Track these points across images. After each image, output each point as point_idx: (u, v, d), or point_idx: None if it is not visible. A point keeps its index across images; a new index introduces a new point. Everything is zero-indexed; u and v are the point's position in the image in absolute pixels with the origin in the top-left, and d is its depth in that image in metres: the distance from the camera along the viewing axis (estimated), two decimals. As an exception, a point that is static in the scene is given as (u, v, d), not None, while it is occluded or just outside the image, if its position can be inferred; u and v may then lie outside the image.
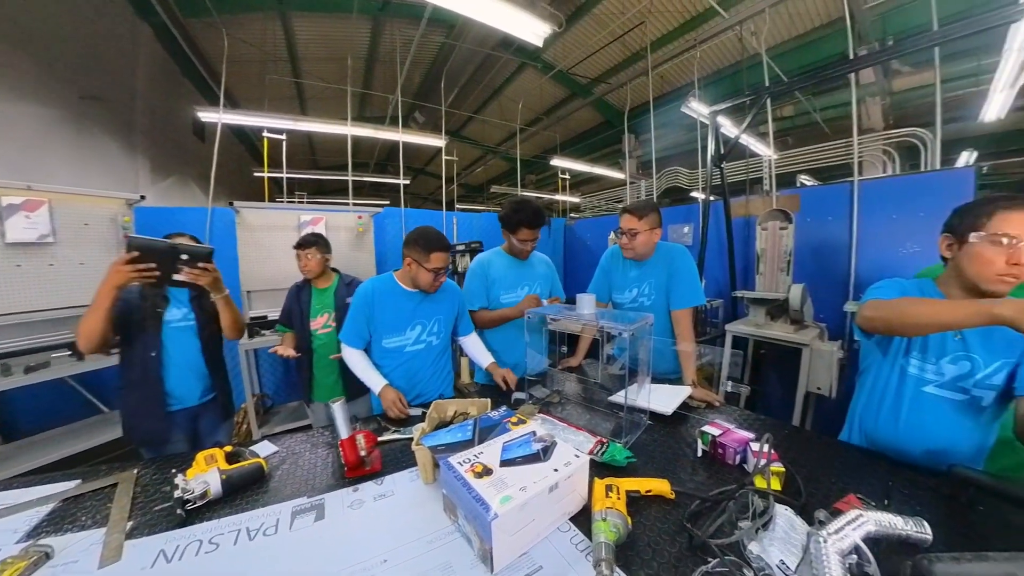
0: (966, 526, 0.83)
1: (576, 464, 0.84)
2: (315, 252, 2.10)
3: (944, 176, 2.51)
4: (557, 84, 7.29)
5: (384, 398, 1.44)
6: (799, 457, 1.07)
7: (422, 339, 1.61)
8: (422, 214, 4.41)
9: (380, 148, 9.11)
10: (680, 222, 3.85)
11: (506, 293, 1.91)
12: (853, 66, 3.11)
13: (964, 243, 0.98)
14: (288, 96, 7.04)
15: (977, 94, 4.14)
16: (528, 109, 7.55)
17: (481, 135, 9.14)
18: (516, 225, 1.78)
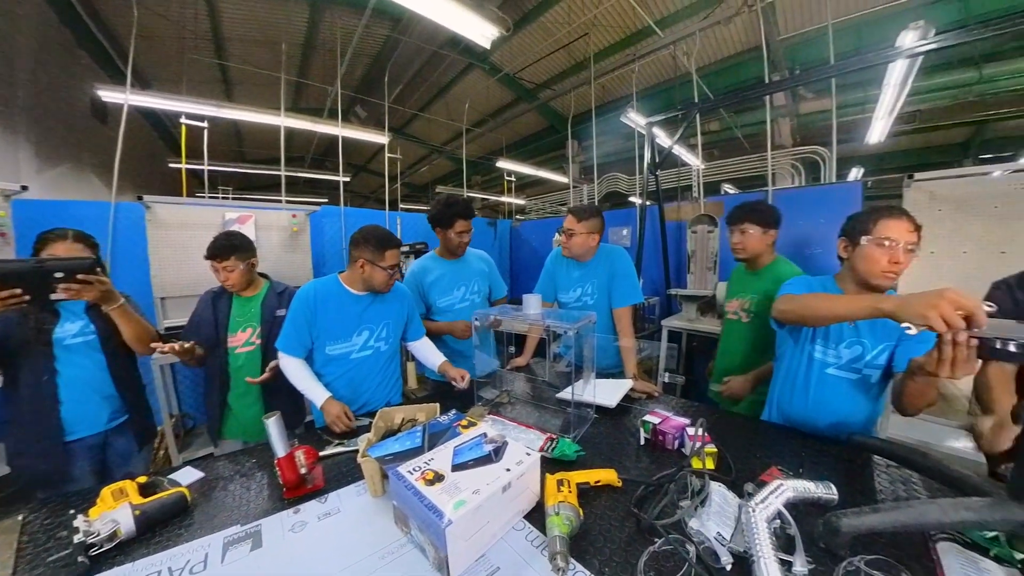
0: (863, 484, 0.99)
1: (528, 462, 0.86)
2: (235, 262, 1.60)
3: (839, 188, 2.93)
4: (503, 87, 7.35)
5: (328, 413, 1.34)
6: (729, 437, 1.18)
7: (369, 345, 1.53)
8: (364, 213, 4.22)
9: (317, 142, 8.58)
10: (619, 225, 4.07)
11: (442, 296, 1.88)
12: (767, 90, 3.50)
13: (856, 245, 1.16)
14: (211, 80, 6.40)
15: (864, 120, 4.81)
16: (474, 110, 7.54)
17: (426, 134, 8.96)
18: (451, 218, 1.79)
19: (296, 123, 4.50)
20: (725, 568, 0.70)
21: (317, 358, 1.50)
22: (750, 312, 1.67)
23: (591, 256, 1.89)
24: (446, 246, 1.88)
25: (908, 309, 0.78)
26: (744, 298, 1.71)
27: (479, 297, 1.95)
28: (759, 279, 1.67)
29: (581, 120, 6.31)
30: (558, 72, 6.94)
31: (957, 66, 5.25)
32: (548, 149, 9.36)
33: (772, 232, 1.64)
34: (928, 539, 0.77)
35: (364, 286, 1.48)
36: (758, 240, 1.63)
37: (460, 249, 1.87)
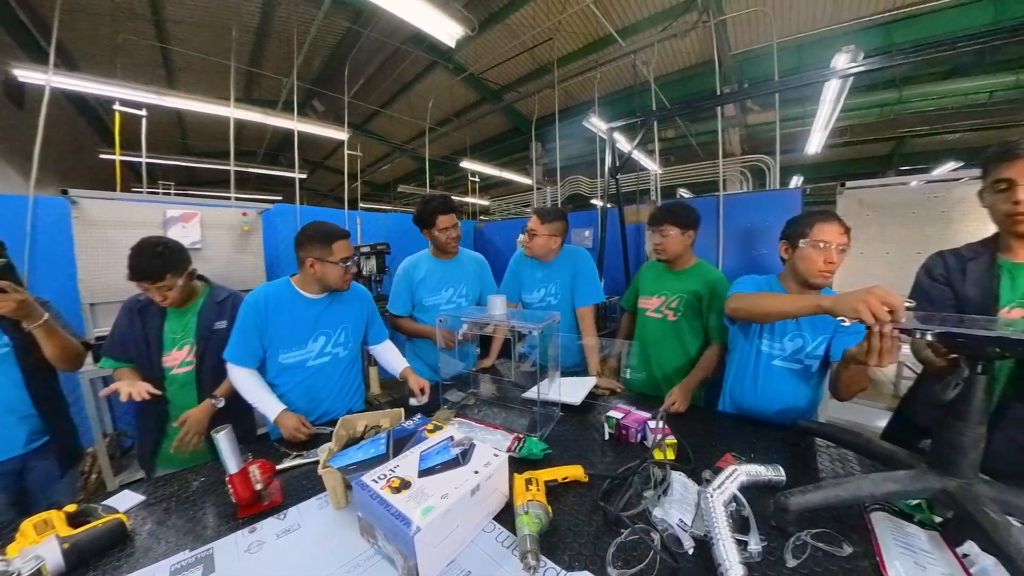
0: (808, 464, 1.08)
1: (496, 463, 0.86)
2: (172, 279, 1.34)
3: (782, 194, 3.16)
4: (468, 87, 7.32)
5: (284, 426, 1.26)
6: (687, 428, 1.24)
7: (327, 351, 1.44)
8: (321, 212, 4.03)
9: (271, 136, 8.14)
10: (582, 227, 4.15)
11: (430, 295, 1.85)
12: (718, 101, 3.73)
13: (795, 248, 1.27)
14: (151, 64, 5.88)
15: (804, 132, 5.22)
16: (438, 109, 7.45)
17: (388, 131, 8.75)
18: (432, 215, 1.76)
19: (247, 115, 4.25)
20: (688, 552, 0.74)
21: (270, 367, 1.39)
22: (677, 311, 1.69)
23: (554, 257, 1.94)
24: (436, 245, 1.85)
25: (843, 305, 0.88)
26: (669, 296, 1.72)
27: (467, 300, 1.91)
28: (684, 279, 1.69)
29: (545, 123, 6.41)
30: (523, 75, 7.00)
31: (881, 87, 5.85)
32: (512, 150, 9.42)
33: (691, 233, 1.66)
34: (863, 510, 0.85)
35: (320, 287, 1.40)
36: (678, 241, 1.64)
37: (450, 246, 1.83)
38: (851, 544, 0.75)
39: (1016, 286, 1.00)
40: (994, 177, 1.00)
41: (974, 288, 1.04)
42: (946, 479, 0.77)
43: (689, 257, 1.73)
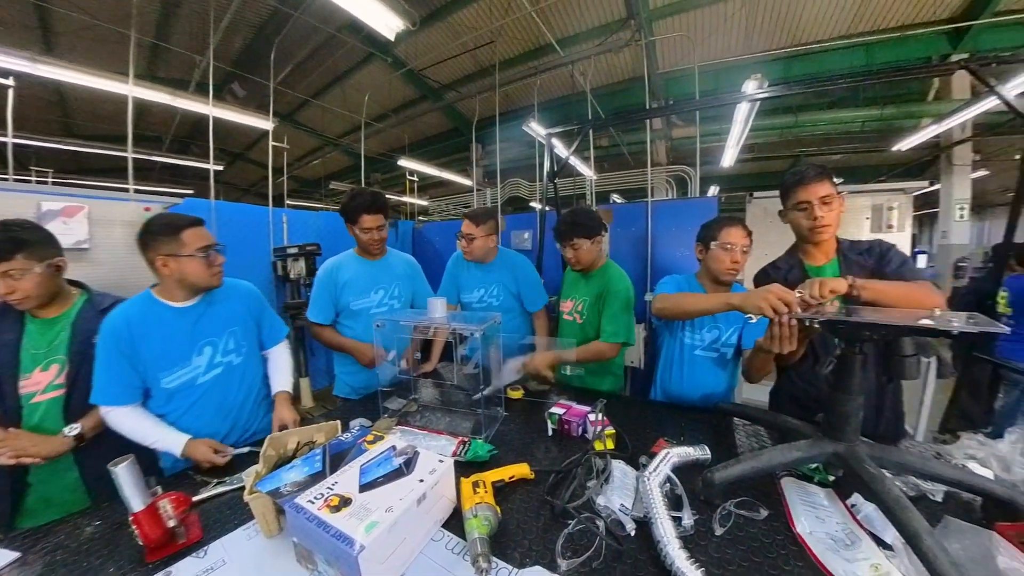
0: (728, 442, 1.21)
1: (441, 469, 0.84)
2: (24, 263, 1.09)
3: (701, 202, 3.55)
4: (407, 83, 7.12)
5: (195, 455, 1.11)
6: (624, 418, 1.31)
7: (217, 362, 1.26)
8: (241, 209, 3.63)
9: (181, 121, 7.25)
10: (521, 229, 4.21)
11: (358, 299, 1.72)
12: (647, 115, 4.03)
13: (708, 249, 1.44)
14: (21, 25, 4.94)
15: (720, 147, 5.79)
16: (375, 103, 7.15)
17: (320, 123, 8.21)
18: (355, 213, 1.62)
19: (150, 95, 3.74)
20: (630, 534, 0.80)
21: (155, 397, 1.19)
22: (583, 313, 1.73)
23: (492, 257, 2.00)
24: (361, 243, 1.72)
25: (748, 303, 1.03)
26: (578, 299, 1.77)
27: (400, 303, 1.80)
28: (591, 282, 1.73)
29: (485, 125, 6.43)
30: (464, 75, 6.96)
31: (781, 112, 6.72)
32: (452, 151, 9.32)
33: (599, 238, 1.68)
34: (775, 478, 0.98)
35: (185, 290, 1.20)
36: (588, 251, 1.67)
37: (373, 247, 1.71)
38: (766, 508, 0.86)
39: None
40: (794, 200, 1.25)
41: None
42: (836, 444, 0.90)
43: (600, 259, 1.75)
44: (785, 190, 1.29)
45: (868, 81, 2.19)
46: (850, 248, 1.29)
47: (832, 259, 1.29)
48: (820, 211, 1.20)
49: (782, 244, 1.52)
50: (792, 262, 1.35)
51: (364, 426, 1.22)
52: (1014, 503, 0.80)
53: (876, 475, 0.80)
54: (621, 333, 1.59)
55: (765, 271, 1.41)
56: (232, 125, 4.79)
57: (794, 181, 1.25)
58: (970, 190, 6.35)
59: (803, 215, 1.25)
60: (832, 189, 1.22)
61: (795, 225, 1.31)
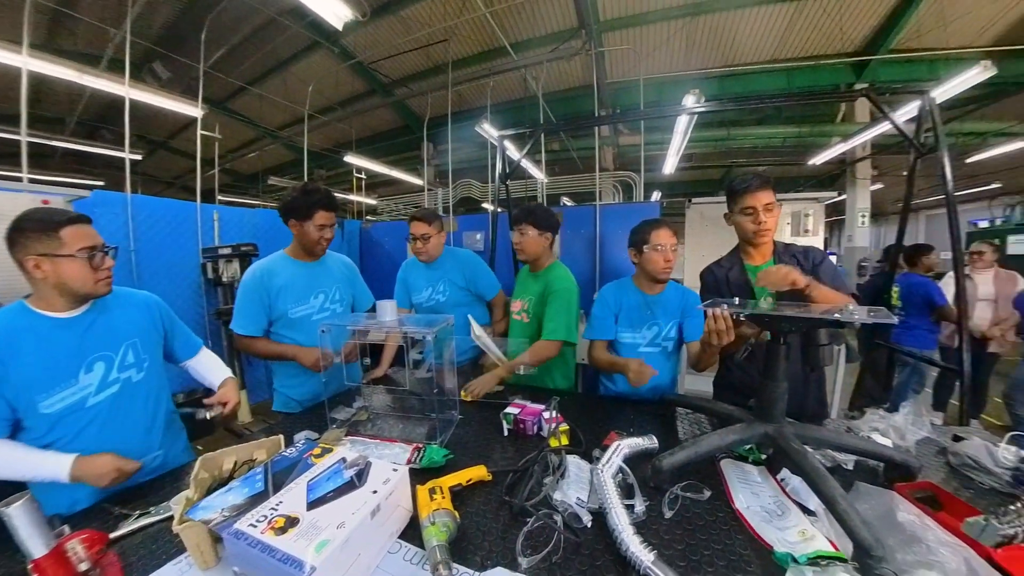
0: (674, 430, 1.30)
1: (395, 479, 0.81)
2: None
3: (645, 206, 3.75)
4: (356, 76, 6.83)
5: (91, 472, 0.95)
6: (577, 414, 1.35)
7: (113, 379, 1.09)
8: (163, 204, 3.25)
9: (90, 102, 6.38)
10: (473, 230, 4.19)
11: (296, 304, 1.57)
12: (595, 122, 4.20)
13: (641, 253, 1.53)
14: None
15: (662, 155, 6.15)
16: (320, 95, 6.79)
17: (258, 113, 7.62)
18: (311, 208, 1.51)
19: (51, 68, 3.25)
20: (587, 526, 0.82)
21: (33, 426, 0.99)
22: (530, 312, 1.76)
23: (437, 256, 2.02)
24: (302, 243, 1.58)
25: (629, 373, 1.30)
26: (525, 299, 1.80)
27: (341, 307, 1.70)
28: (538, 281, 1.76)
29: (437, 123, 6.33)
30: (416, 71, 6.82)
31: (715, 126, 7.27)
32: (403, 148, 9.07)
33: (548, 235, 1.73)
34: (715, 460, 1.06)
35: (66, 297, 1.03)
36: (535, 241, 1.71)
37: (320, 247, 1.59)
38: (709, 488, 0.93)
39: None
40: (741, 205, 1.38)
41: (738, 289, 1.42)
42: (766, 425, 1.00)
43: (547, 259, 1.80)
44: (732, 195, 1.40)
45: (788, 102, 2.44)
46: (784, 251, 1.43)
47: (769, 260, 1.43)
48: (763, 216, 1.33)
49: (717, 245, 1.67)
50: (733, 261, 1.48)
51: (310, 439, 1.14)
52: (908, 466, 0.95)
53: (800, 451, 0.91)
54: (561, 331, 1.62)
55: (710, 269, 1.54)
56: (153, 110, 4.31)
57: (742, 188, 1.36)
58: (869, 200, 7.39)
59: (748, 219, 1.37)
60: (773, 197, 1.35)
61: (739, 227, 1.43)
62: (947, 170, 1.90)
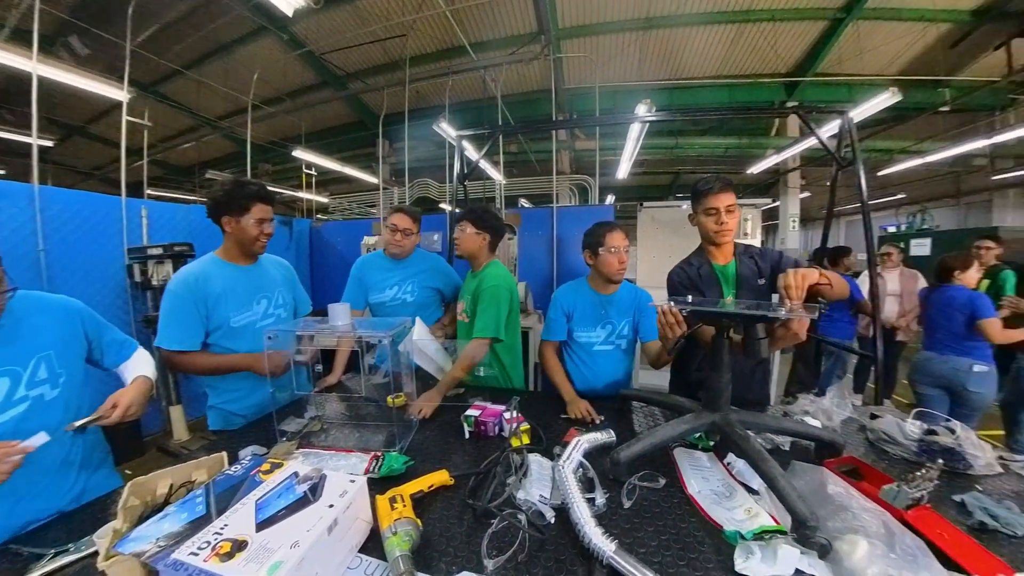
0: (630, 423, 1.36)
1: (353, 490, 0.77)
2: None
3: (600, 209, 4.00)
4: (307, 66, 6.48)
5: None
6: (537, 413, 1.37)
7: (20, 397, 0.95)
8: (80, 197, 2.90)
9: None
10: (431, 230, 4.06)
11: (239, 312, 1.41)
12: (552, 126, 4.28)
13: (596, 255, 1.58)
14: None
15: (616, 160, 6.37)
16: (267, 84, 6.36)
17: (195, 100, 7.02)
18: (247, 201, 1.36)
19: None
20: (551, 522, 0.83)
21: None
22: (468, 313, 1.75)
23: (408, 254, 1.97)
24: (239, 242, 1.42)
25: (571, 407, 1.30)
26: (464, 299, 1.79)
27: (285, 311, 1.57)
28: (474, 281, 1.75)
29: (394, 120, 6.15)
30: (372, 66, 6.59)
31: (665, 135, 7.67)
32: (357, 145, 8.75)
33: (485, 235, 1.71)
34: (669, 450, 1.12)
35: None
36: (470, 238, 1.70)
37: (259, 245, 1.44)
38: (664, 477, 0.99)
39: (728, 283, 1.49)
40: (704, 206, 1.44)
41: (708, 288, 1.50)
42: (713, 414, 1.07)
43: (485, 259, 1.78)
44: (696, 196, 1.46)
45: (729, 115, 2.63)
46: (744, 251, 1.52)
47: (731, 260, 1.51)
48: (725, 217, 1.41)
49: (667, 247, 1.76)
50: (701, 260, 1.54)
51: (257, 455, 1.05)
52: (835, 443, 1.07)
53: (743, 436, 0.98)
54: (490, 328, 1.59)
55: (680, 268, 1.58)
56: (69, 90, 3.84)
57: (706, 190, 1.42)
58: (799, 207, 8.16)
59: (711, 219, 1.44)
60: (734, 199, 1.42)
61: (702, 227, 1.49)
62: (862, 181, 2.14)
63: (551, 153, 5.02)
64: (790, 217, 7.87)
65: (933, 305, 2.62)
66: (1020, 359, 2.62)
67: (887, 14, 5.46)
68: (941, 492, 0.91)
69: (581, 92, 6.60)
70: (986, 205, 9.12)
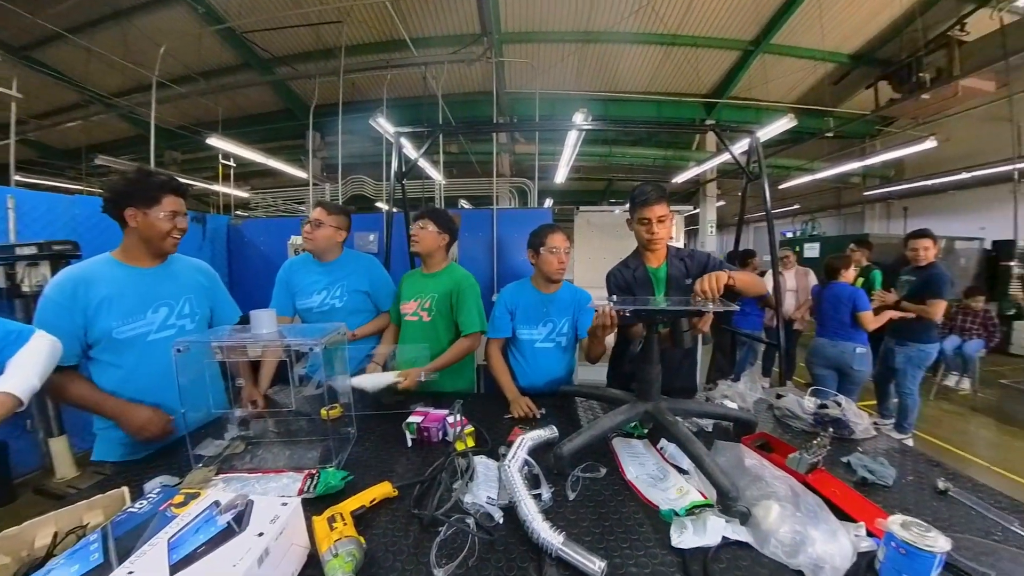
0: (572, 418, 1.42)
1: (286, 514, 0.71)
2: None
3: (538, 212, 4.09)
4: (226, 44, 5.86)
5: None
6: (481, 415, 1.37)
7: None
8: None
9: None
10: (366, 230, 3.86)
11: (127, 322, 1.20)
12: (493, 128, 4.33)
13: (538, 255, 1.64)
14: None
15: (554, 165, 6.58)
16: (177, 61, 5.62)
17: (82, 72, 5.98)
18: (157, 191, 1.18)
19: None
20: (499, 523, 0.83)
21: None
22: (431, 311, 1.75)
23: (335, 255, 1.87)
24: (146, 239, 1.22)
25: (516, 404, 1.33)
26: (423, 298, 1.77)
27: (193, 322, 1.34)
28: (437, 280, 1.77)
29: (326, 112, 5.76)
30: (303, 51, 6.16)
31: (599, 143, 8.10)
32: (284, 136, 8.10)
33: (445, 236, 1.77)
34: (608, 441, 1.17)
35: None
36: (433, 237, 1.73)
37: (171, 242, 1.25)
38: (604, 466, 1.04)
39: (659, 284, 1.61)
40: (638, 216, 1.53)
41: (642, 289, 1.61)
42: (646, 404, 1.15)
43: (442, 259, 1.83)
44: (632, 205, 1.55)
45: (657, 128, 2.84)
46: (676, 254, 1.61)
47: (663, 263, 1.61)
48: (656, 227, 1.50)
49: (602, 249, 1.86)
50: (637, 263, 1.63)
51: (168, 485, 0.92)
52: (749, 422, 1.22)
53: (673, 422, 1.08)
54: (477, 323, 1.71)
55: (618, 270, 1.67)
56: None
57: (640, 200, 1.50)
58: (715, 214, 9.11)
59: (643, 228, 1.53)
60: (667, 210, 1.51)
61: (637, 235, 1.60)
62: (767, 193, 2.43)
63: (491, 155, 5.08)
64: (708, 223, 8.75)
65: (825, 299, 3.12)
66: (886, 341, 3.23)
67: (787, 51, 6.47)
68: (832, 456, 1.08)
69: (521, 97, 6.74)
70: (860, 216, 10.82)
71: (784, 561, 0.72)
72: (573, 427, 1.30)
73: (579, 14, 5.79)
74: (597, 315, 1.24)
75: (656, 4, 5.53)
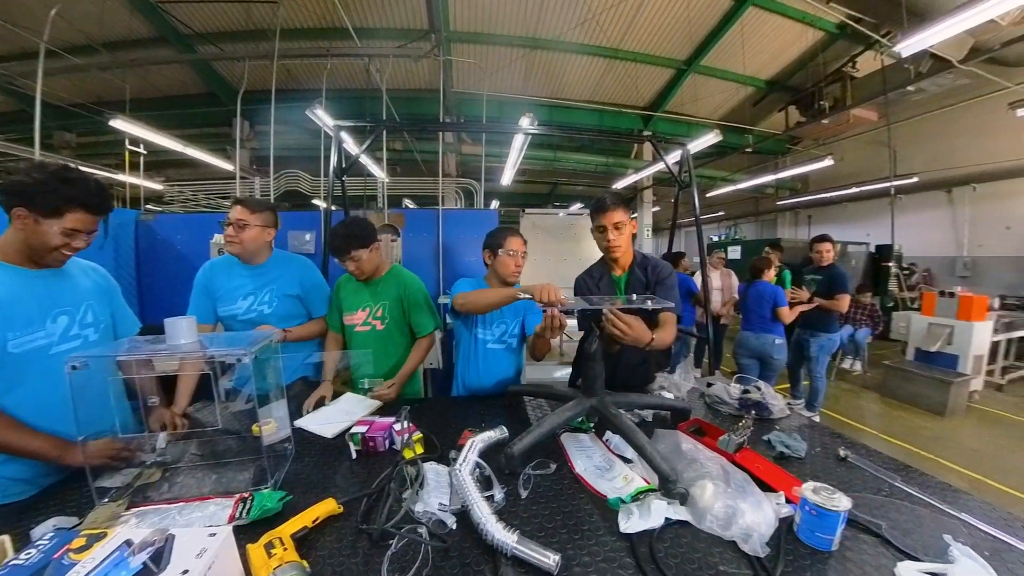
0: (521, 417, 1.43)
1: (215, 545, 0.64)
2: None
3: (485, 213, 4.10)
4: (135, 13, 5.16)
5: None
6: (429, 420, 1.34)
7: None
8: None
9: None
10: (302, 229, 3.56)
11: (23, 334, 1.04)
12: (439, 127, 4.28)
13: (496, 256, 1.65)
14: None
15: (500, 167, 6.62)
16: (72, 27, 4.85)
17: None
18: (64, 204, 1.02)
19: None
20: (453, 528, 0.82)
21: None
22: (384, 319, 1.71)
23: (264, 258, 1.71)
24: (28, 245, 1.06)
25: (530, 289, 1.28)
26: (373, 307, 1.72)
27: (96, 332, 1.22)
28: (383, 287, 1.73)
29: (257, 98, 5.29)
30: (231, 30, 5.61)
31: (545, 148, 8.32)
32: (206, 122, 7.33)
33: (375, 245, 1.66)
34: (556, 437, 1.21)
35: None
36: (369, 259, 1.64)
37: (52, 259, 1.09)
38: (554, 462, 1.07)
39: (622, 293, 1.63)
40: (596, 223, 1.52)
41: None
42: (591, 399, 1.19)
43: (384, 264, 1.75)
44: (591, 213, 1.56)
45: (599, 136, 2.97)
46: (641, 263, 1.59)
47: (625, 271, 1.61)
48: (612, 234, 1.49)
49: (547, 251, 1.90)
50: (603, 271, 1.64)
51: (64, 528, 0.79)
52: (684, 410, 1.33)
53: (616, 415, 1.13)
54: (430, 324, 1.75)
55: (583, 278, 1.68)
56: None
57: (597, 208, 1.50)
58: (651, 218, 9.76)
59: (601, 236, 1.52)
60: (624, 216, 1.48)
61: (597, 242, 1.60)
62: (696, 200, 2.64)
63: (437, 155, 4.97)
64: (645, 227, 9.34)
65: (749, 297, 3.52)
66: (798, 332, 3.70)
67: (715, 72, 7.21)
68: (755, 435, 1.21)
69: (469, 97, 6.70)
70: (773, 222, 12.23)
71: (720, 534, 0.79)
72: (523, 426, 1.29)
73: (527, 20, 5.89)
74: (545, 317, 1.28)
75: (600, 18, 5.78)
